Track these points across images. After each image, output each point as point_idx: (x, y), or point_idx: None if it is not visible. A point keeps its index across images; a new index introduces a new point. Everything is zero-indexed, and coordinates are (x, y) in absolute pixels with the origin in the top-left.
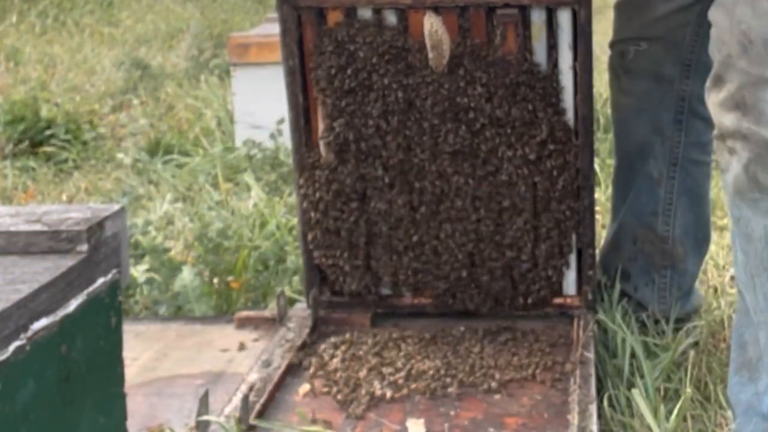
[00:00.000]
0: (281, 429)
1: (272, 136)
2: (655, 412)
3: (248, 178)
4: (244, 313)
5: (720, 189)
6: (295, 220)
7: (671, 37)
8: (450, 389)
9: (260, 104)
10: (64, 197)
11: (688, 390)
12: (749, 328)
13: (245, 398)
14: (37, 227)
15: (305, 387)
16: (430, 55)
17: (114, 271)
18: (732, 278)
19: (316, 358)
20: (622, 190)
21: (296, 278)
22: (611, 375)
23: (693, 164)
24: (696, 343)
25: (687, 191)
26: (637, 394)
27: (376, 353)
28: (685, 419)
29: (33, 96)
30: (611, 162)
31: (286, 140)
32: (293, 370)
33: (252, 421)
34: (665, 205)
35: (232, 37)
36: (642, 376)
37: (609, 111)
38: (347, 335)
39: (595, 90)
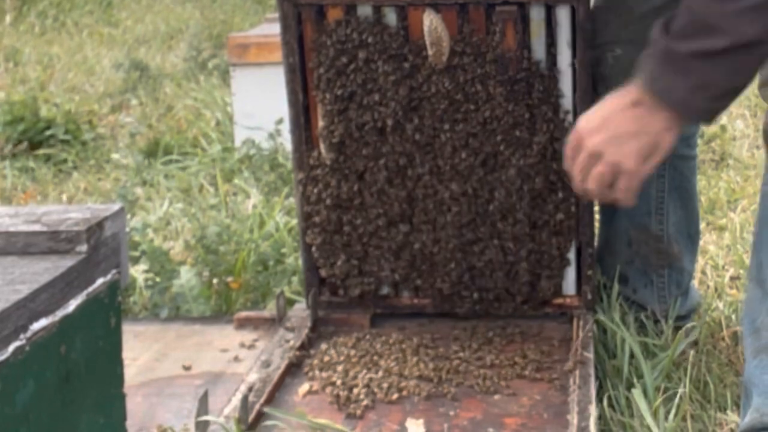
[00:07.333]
0: (281, 429)
1: (271, 136)
2: (654, 412)
3: (244, 182)
4: (244, 314)
5: (717, 189)
6: (294, 221)
7: (648, 37)
8: (449, 389)
9: (259, 105)
10: (63, 197)
11: (688, 390)
12: (762, 315)
13: (245, 398)
14: (37, 227)
15: (305, 387)
16: (430, 52)
17: (113, 271)
18: (732, 278)
19: (315, 358)
20: None
21: (295, 278)
22: (610, 375)
23: (680, 160)
24: (695, 343)
25: (677, 188)
26: (636, 394)
27: (375, 353)
28: (684, 419)
29: (32, 96)
30: None
31: (286, 141)
32: (293, 371)
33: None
34: (657, 203)
35: (232, 38)
36: (641, 376)
37: None
38: (346, 335)
39: None
